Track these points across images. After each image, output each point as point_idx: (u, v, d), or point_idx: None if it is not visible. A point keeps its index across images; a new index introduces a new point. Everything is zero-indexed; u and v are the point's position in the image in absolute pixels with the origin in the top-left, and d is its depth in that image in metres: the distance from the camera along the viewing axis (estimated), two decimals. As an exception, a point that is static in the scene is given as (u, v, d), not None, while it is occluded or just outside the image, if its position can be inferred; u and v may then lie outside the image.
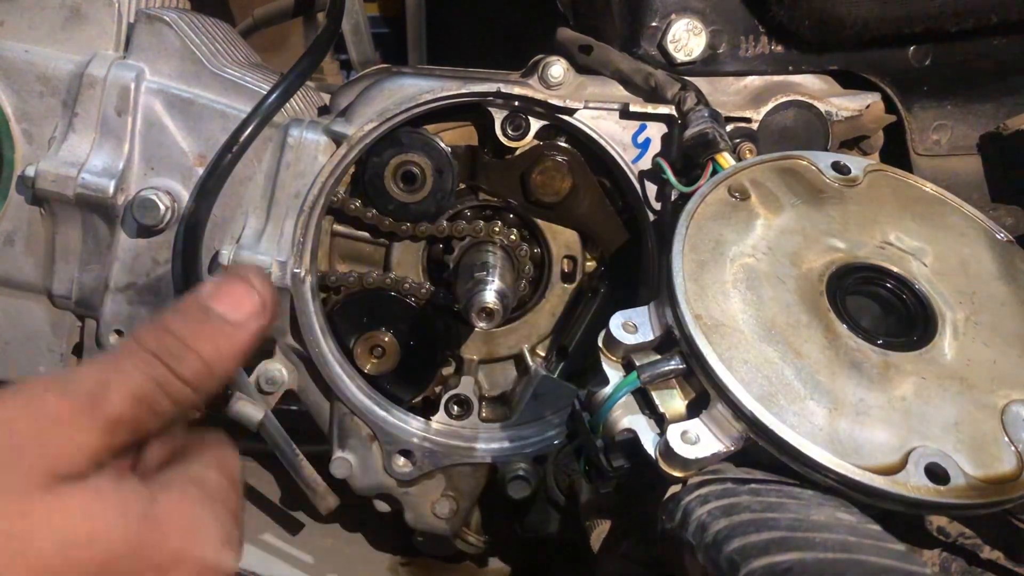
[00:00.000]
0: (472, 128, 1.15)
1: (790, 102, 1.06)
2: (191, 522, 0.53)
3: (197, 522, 0.53)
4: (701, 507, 0.67)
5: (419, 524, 1.24)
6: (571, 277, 1.22)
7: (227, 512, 0.56)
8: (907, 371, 0.74)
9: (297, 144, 1.06)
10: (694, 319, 0.73)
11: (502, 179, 1.14)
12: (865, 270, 0.82)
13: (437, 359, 1.23)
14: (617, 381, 0.77)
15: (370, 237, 1.20)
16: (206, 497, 0.55)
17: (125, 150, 1.06)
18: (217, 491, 0.56)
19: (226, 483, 0.57)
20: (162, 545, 0.51)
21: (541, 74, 1.05)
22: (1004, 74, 1.10)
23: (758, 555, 0.59)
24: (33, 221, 1.09)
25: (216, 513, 0.54)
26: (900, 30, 1.03)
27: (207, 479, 0.56)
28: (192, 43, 1.06)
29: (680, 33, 1.04)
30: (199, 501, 0.54)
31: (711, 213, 0.84)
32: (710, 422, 0.72)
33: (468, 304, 1.04)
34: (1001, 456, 0.70)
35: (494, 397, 1.28)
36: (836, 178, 0.91)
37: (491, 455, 1.20)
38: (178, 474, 0.56)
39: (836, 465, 0.67)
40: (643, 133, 1.07)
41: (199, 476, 0.56)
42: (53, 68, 1.05)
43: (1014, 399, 0.73)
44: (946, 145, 1.12)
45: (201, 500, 0.54)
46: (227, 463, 0.59)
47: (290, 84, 1.04)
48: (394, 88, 1.05)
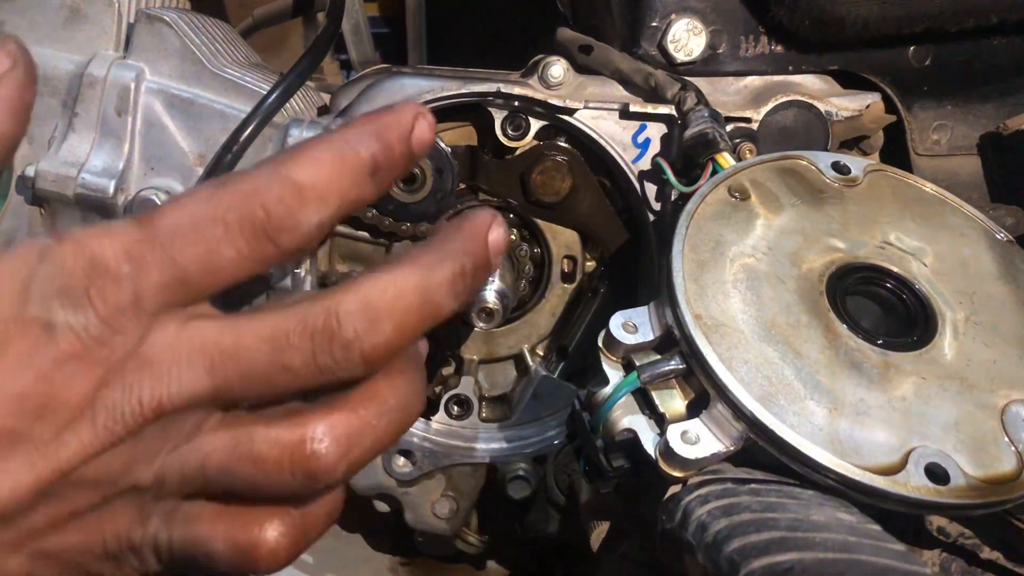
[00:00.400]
0: (472, 128, 1.15)
1: (790, 102, 1.06)
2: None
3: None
4: (701, 507, 0.67)
5: (419, 524, 1.24)
6: (571, 277, 1.22)
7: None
8: (907, 371, 0.74)
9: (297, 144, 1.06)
10: (694, 319, 0.74)
11: (502, 179, 1.14)
12: (865, 270, 0.82)
13: (437, 359, 1.23)
14: (617, 381, 0.77)
15: (370, 237, 1.20)
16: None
17: (125, 150, 1.06)
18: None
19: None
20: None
21: (541, 74, 1.05)
22: (1004, 74, 1.10)
23: (758, 555, 0.59)
24: (33, 221, 1.09)
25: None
26: (900, 30, 1.03)
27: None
28: (192, 43, 1.06)
29: (680, 33, 1.04)
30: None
31: (711, 213, 0.84)
32: (710, 422, 0.72)
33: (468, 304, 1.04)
34: (1001, 456, 0.70)
35: (494, 397, 1.28)
36: (836, 178, 0.91)
37: (491, 455, 1.21)
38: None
39: (836, 465, 0.67)
40: (643, 133, 1.07)
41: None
42: (53, 68, 1.05)
43: (1014, 399, 0.73)
44: (946, 145, 1.12)
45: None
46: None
47: (290, 84, 1.04)
48: (394, 88, 1.05)
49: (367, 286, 0.50)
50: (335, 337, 0.49)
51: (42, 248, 0.47)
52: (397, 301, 0.50)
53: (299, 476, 0.50)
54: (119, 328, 0.47)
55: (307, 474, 0.50)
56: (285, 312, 0.49)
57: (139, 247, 0.47)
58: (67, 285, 0.46)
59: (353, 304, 0.49)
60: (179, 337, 0.48)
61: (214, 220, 0.48)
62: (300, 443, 0.50)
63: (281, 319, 0.49)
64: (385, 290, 0.50)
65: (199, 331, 0.49)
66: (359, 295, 0.50)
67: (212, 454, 0.50)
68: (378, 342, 0.50)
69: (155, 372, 0.48)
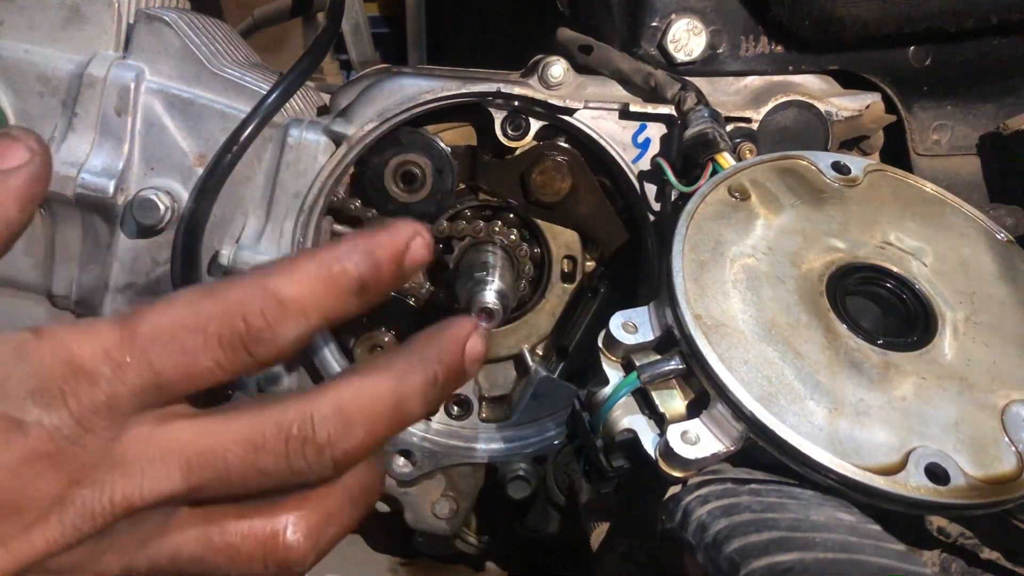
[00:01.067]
0: (472, 128, 1.15)
1: (790, 102, 1.06)
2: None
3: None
4: (701, 507, 0.67)
5: (419, 524, 1.24)
6: (571, 277, 1.22)
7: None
8: (907, 371, 0.74)
9: (297, 144, 1.06)
10: (694, 319, 0.73)
11: (502, 179, 1.14)
12: (865, 270, 0.82)
13: (437, 359, 1.23)
14: (617, 381, 0.77)
15: (370, 237, 1.19)
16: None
17: (125, 150, 1.06)
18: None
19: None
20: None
21: (541, 74, 1.05)
22: (1004, 74, 1.10)
23: (758, 555, 0.59)
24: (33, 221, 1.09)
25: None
26: (900, 30, 1.03)
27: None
28: (192, 43, 1.06)
29: (680, 33, 1.04)
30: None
31: (711, 213, 0.84)
32: (710, 422, 0.72)
33: (468, 304, 1.04)
34: (1001, 456, 0.70)
35: (494, 397, 1.28)
36: (836, 178, 0.91)
37: (491, 455, 1.20)
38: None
39: (836, 465, 0.67)
40: (643, 133, 1.07)
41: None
42: (53, 68, 1.05)
43: (1014, 399, 0.73)
44: (946, 145, 1.12)
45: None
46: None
47: (290, 84, 1.04)
48: (394, 88, 1.05)
49: (342, 390, 0.52)
50: (308, 441, 0.50)
51: (20, 344, 0.48)
52: (370, 407, 0.52)
53: (272, 567, 0.53)
54: (92, 428, 0.48)
55: (280, 564, 0.53)
56: (261, 414, 0.51)
57: (118, 350, 0.48)
58: (43, 384, 0.47)
59: (328, 408, 0.51)
60: (153, 437, 0.50)
61: (195, 329, 0.49)
62: (272, 536, 0.52)
63: (257, 422, 0.50)
64: (359, 395, 0.52)
65: (174, 432, 0.50)
66: (334, 400, 0.51)
67: (184, 547, 0.52)
68: (349, 447, 0.52)
69: (127, 471, 0.49)
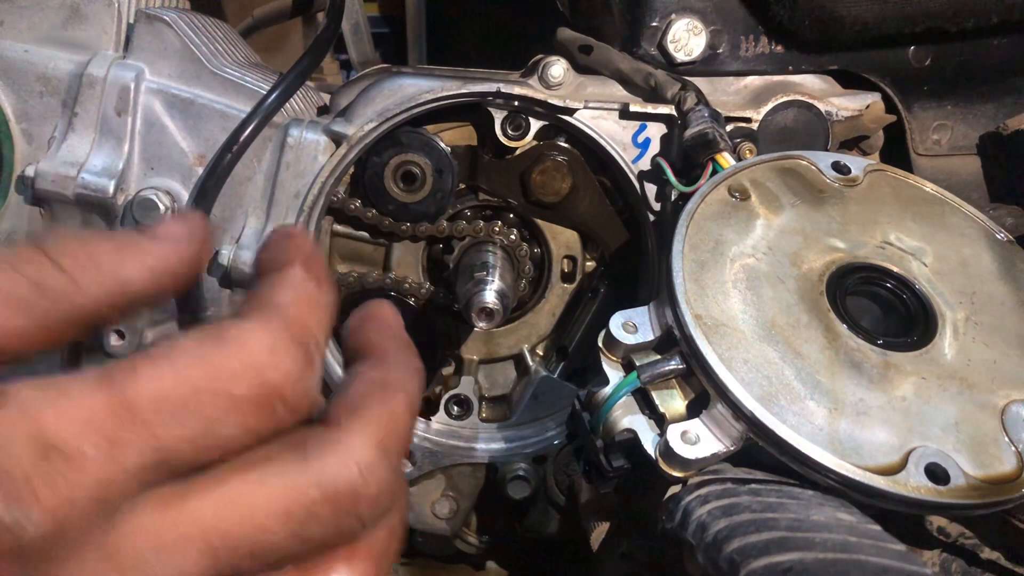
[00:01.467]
0: (472, 128, 1.15)
1: (790, 102, 1.06)
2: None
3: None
4: (701, 507, 0.67)
5: (419, 524, 1.24)
6: (571, 277, 1.22)
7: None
8: (907, 371, 0.74)
9: (297, 144, 1.06)
10: (694, 319, 0.73)
11: (502, 179, 1.14)
12: (865, 270, 0.82)
13: (437, 359, 1.23)
14: (617, 381, 0.77)
15: (370, 237, 1.20)
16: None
17: (125, 150, 1.06)
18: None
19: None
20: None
21: (541, 74, 1.05)
22: (1004, 74, 1.10)
23: (758, 555, 0.59)
24: (33, 221, 1.09)
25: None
26: (900, 30, 1.03)
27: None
28: (192, 43, 1.06)
29: (680, 33, 1.04)
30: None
31: (711, 213, 0.84)
32: (710, 422, 0.72)
33: (468, 304, 1.04)
34: (1001, 456, 0.70)
35: (494, 397, 1.28)
36: (836, 178, 0.91)
37: (491, 455, 1.20)
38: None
39: (836, 465, 0.67)
40: (643, 133, 1.07)
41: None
42: (53, 68, 1.05)
43: (1014, 399, 0.73)
44: (946, 145, 1.12)
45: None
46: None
47: (290, 84, 1.04)
48: (394, 88, 1.05)
49: (373, 422, 0.45)
50: (360, 498, 0.43)
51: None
52: (400, 433, 0.46)
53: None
54: (73, 524, 0.38)
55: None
56: (296, 476, 0.42)
57: (109, 422, 0.38)
58: (4, 469, 0.37)
59: (372, 451, 0.43)
60: (162, 524, 0.40)
61: (213, 392, 0.40)
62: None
63: (295, 487, 0.42)
64: (389, 424, 0.45)
65: (189, 513, 0.40)
66: (373, 436, 0.44)
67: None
68: (397, 481, 0.45)
69: (127, 567, 0.39)
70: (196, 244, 0.48)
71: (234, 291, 1.09)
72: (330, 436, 0.43)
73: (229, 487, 0.41)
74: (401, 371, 0.49)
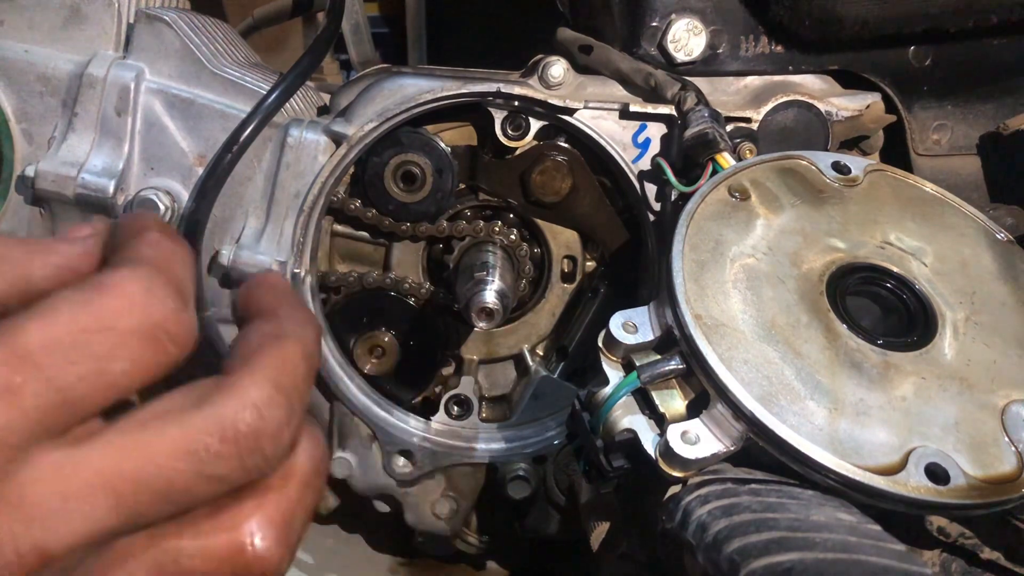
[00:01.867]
0: (472, 128, 1.15)
1: (790, 102, 1.06)
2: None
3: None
4: (701, 507, 0.67)
5: (419, 524, 1.24)
6: (571, 277, 1.22)
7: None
8: (907, 371, 0.74)
9: (297, 144, 1.06)
10: (694, 319, 0.73)
11: (502, 179, 1.14)
12: (865, 270, 0.82)
13: (437, 359, 1.23)
14: (617, 381, 0.77)
15: (370, 237, 1.20)
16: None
17: (125, 150, 1.06)
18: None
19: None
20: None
21: (541, 74, 1.05)
22: (1004, 74, 1.10)
23: (758, 555, 0.59)
24: (33, 221, 1.09)
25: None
26: (900, 30, 1.03)
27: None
28: (192, 43, 1.06)
29: (680, 33, 1.04)
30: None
31: (711, 213, 0.84)
32: (710, 422, 0.72)
33: (468, 304, 1.04)
34: (1001, 456, 0.70)
35: (494, 397, 1.28)
36: (836, 178, 0.91)
37: (491, 455, 1.20)
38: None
39: (836, 465, 0.67)
40: (643, 133, 1.07)
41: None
42: (53, 68, 1.05)
43: (1014, 399, 0.73)
44: (946, 145, 1.12)
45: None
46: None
47: (290, 84, 1.04)
48: (394, 88, 1.05)
49: (266, 364, 0.46)
50: (262, 434, 0.44)
51: None
52: (296, 372, 0.47)
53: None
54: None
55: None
56: (196, 418, 0.43)
57: (5, 370, 0.40)
58: None
59: (267, 388, 0.45)
60: (65, 468, 0.41)
61: (100, 329, 0.42)
62: (239, 549, 0.45)
63: (195, 428, 0.43)
64: (284, 364, 0.47)
65: (92, 457, 0.41)
66: (267, 376, 0.45)
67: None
68: (297, 421, 0.46)
69: (33, 515, 0.40)
70: (99, 245, 0.49)
71: (234, 291, 1.09)
72: (226, 381, 0.45)
73: (131, 433, 0.42)
74: (293, 323, 0.50)
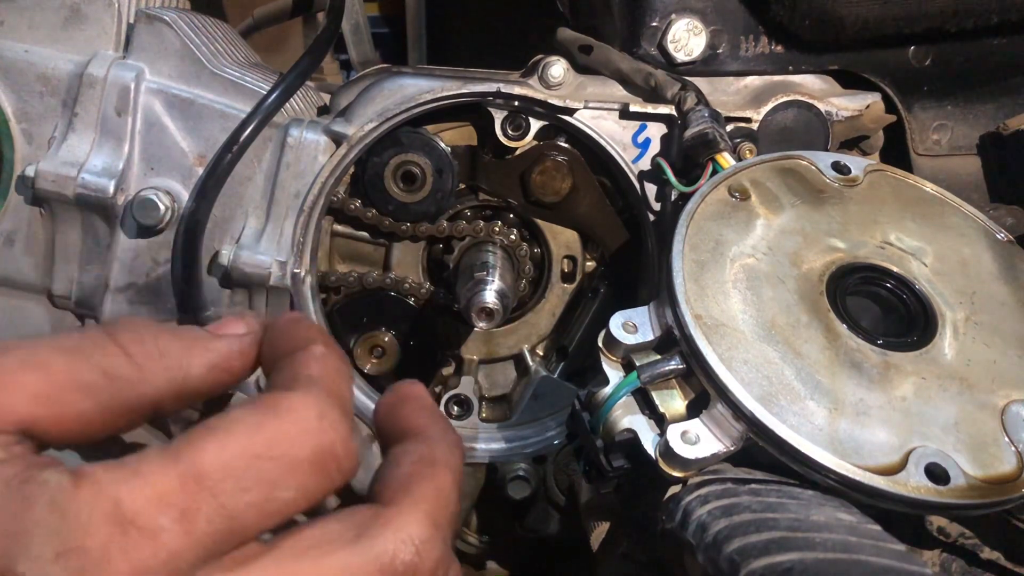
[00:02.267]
0: (472, 128, 1.15)
1: (790, 102, 1.06)
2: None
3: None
4: (701, 507, 0.67)
5: (419, 524, 1.24)
6: (571, 277, 1.22)
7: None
8: (907, 371, 0.74)
9: (297, 144, 1.06)
10: (694, 319, 0.73)
11: (502, 179, 1.14)
12: (865, 270, 0.82)
13: (437, 359, 1.23)
14: (617, 381, 0.77)
15: (370, 237, 1.20)
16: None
17: (125, 150, 1.05)
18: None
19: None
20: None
21: (541, 74, 1.05)
22: (1004, 74, 1.10)
23: (758, 555, 0.59)
24: (33, 221, 1.09)
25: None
26: (900, 30, 1.03)
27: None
28: (192, 43, 1.06)
29: (680, 33, 1.04)
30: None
31: (711, 213, 0.84)
32: (710, 422, 0.72)
33: (468, 304, 1.04)
34: (1001, 456, 0.70)
35: (494, 397, 1.28)
36: (836, 178, 0.91)
37: (491, 455, 1.20)
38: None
39: (836, 465, 0.67)
40: (643, 133, 1.07)
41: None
42: (53, 68, 1.05)
43: (1014, 399, 0.73)
44: (946, 145, 1.12)
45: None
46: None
47: (290, 84, 1.04)
48: (394, 88, 1.05)
49: (422, 498, 0.46)
50: (418, 573, 0.45)
51: (53, 492, 0.39)
52: (450, 503, 0.48)
53: None
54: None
55: None
56: (353, 554, 0.43)
57: (180, 493, 0.40)
58: (78, 543, 0.38)
59: (425, 528, 0.45)
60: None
61: (272, 457, 0.42)
62: None
63: (353, 565, 0.43)
64: (438, 498, 0.47)
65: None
66: (424, 515, 0.46)
67: None
68: (449, 557, 0.48)
69: None
70: (254, 342, 0.51)
71: (234, 291, 1.09)
72: (386, 514, 0.45)
73: (288, 563, 0.43)
74: (444, 448, 0.51)
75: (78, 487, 0.39)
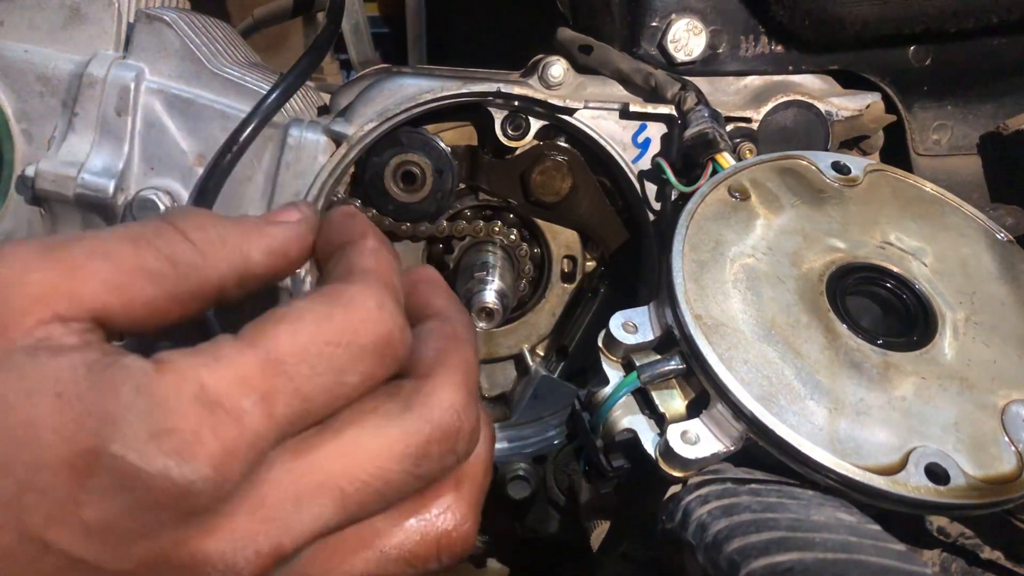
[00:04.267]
0: (472, 128, 1.15)
1: (790, 102, 1.06)
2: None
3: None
4: (701, 507, 0.67)
5: (419, 524, 1.24)
6: (571, 277, 1.22)
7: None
8: (907, 371, 0.74)
9: (297, 144, 1.06)
10: (694, 319, 0.73)
11: (502, 179, 1.14)
12: (865, 270, 0.82)
13: (437, 359, 1.23)
14: (617, 381, 0.77)
15: (370, 237, 1.20)
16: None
17: (125, 150, 1.05)
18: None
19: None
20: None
21: (541, 74, 1.05)
22: (1004, 74, 1.10)
23: (758, 555, 0.59)
24: (33, 221, 1.09)
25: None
26: (900, 30, 1.03)
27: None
28: (192, 43, 1.06)
29: (680, 33, 1.04)
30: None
31: (711, 213, 0.84)
32: (710, 422, 0.72)
33: (468, 304, 1.05)
34: (1001, 456, 0.70)
35: (494, 397, 1.28)
36: (836, 178, 0.91)
37: (491, 455, 1.20)
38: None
39: (836, 465, 0.67)
40: (643, 133, 1.07)
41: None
42: (53, 68, 1.05)
43: (1014, 399, 0.73)
44: (946, 145, 1.12)
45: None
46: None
47: (290, 84, 1.04)
48: (394, 88, 1.05)
49: (456, 369, 0.50)
50: (461, 434, 0.49)
51: (138, 378, 0.40)
52: (476, 372, 0.52)
53: (445, 559, 0.52)
54: (230, 474, 0.41)
55: (453, 555, 0.52)
56: (405, 422, 0.47)
57: (261, 377, 0.42)
58: (169, 425, 0.40)
59: (462, 394, 0.50)
60: (297, 472, 0.44)
61: (340, 344, 0.45)
62: (445, 533, 0.51)
63: (407, 431, 0.47)
64: (468, 365, 0.51)
65: (320, 461, 0.45)
66: (459, 384, 0.50)
67: (360, 570, 0.48)
68: (481, 418, 0.52)
69: (271, 516, 0.43)
70: (309, 229, 0.54)
71: None
72: (427, 386, 0.49)
73: (351, 436, 0.46)
74: (464, 325, 0.56)
75: (162, 372, 0.41)
